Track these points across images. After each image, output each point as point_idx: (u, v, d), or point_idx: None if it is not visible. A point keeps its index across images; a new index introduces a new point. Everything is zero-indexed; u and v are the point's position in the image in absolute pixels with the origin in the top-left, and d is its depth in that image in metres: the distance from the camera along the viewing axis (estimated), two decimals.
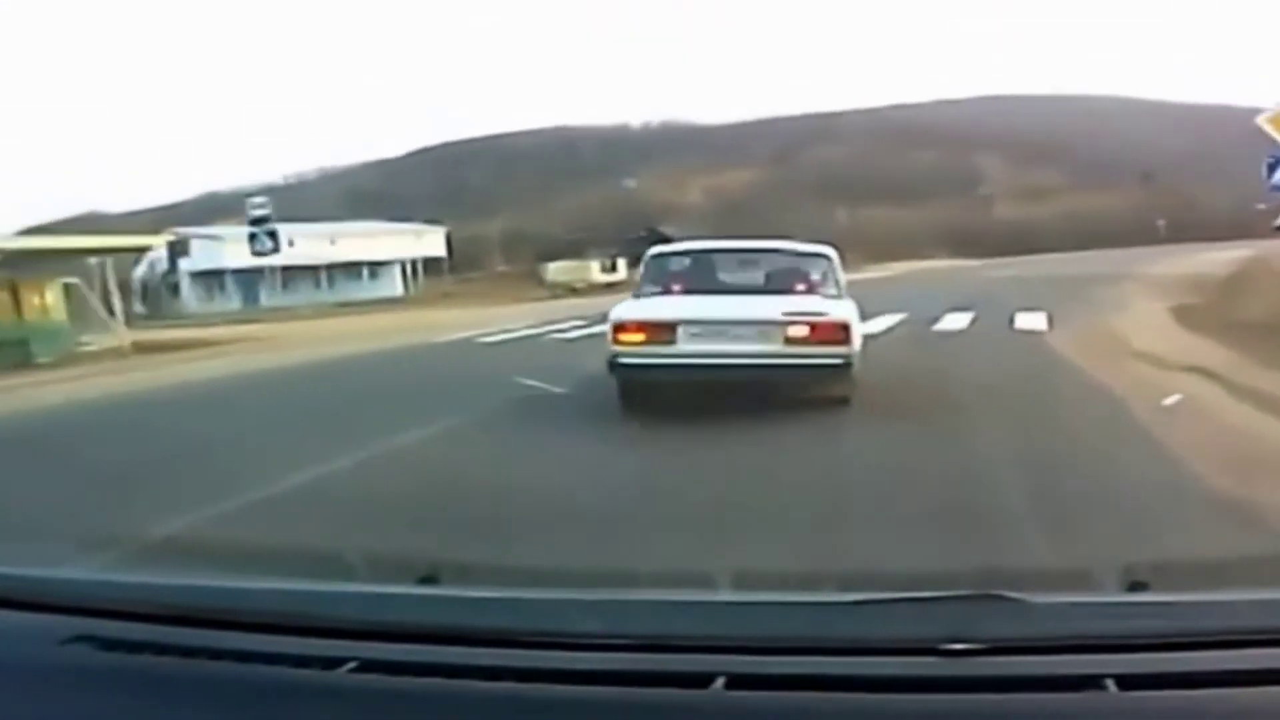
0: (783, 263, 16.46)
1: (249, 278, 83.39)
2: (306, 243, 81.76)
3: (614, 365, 14.62)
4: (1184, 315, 26.46)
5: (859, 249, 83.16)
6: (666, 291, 15.75)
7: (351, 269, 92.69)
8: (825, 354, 14.17)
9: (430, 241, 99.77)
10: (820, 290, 15.59)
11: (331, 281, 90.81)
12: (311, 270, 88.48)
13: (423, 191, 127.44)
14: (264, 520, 9.19)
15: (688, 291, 15.58)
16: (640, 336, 14.51)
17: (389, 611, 2.45)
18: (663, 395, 14.60)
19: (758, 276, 16.14)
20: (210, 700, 2.16)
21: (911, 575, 5.72)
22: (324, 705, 2.13)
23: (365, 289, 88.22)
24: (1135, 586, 2.68)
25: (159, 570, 2.92)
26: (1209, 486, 9.06)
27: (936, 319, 29.62)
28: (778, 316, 14.33)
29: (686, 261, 16.60)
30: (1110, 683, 2.01)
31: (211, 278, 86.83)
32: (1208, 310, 26.91)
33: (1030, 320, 27.77)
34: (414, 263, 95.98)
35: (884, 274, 70.49)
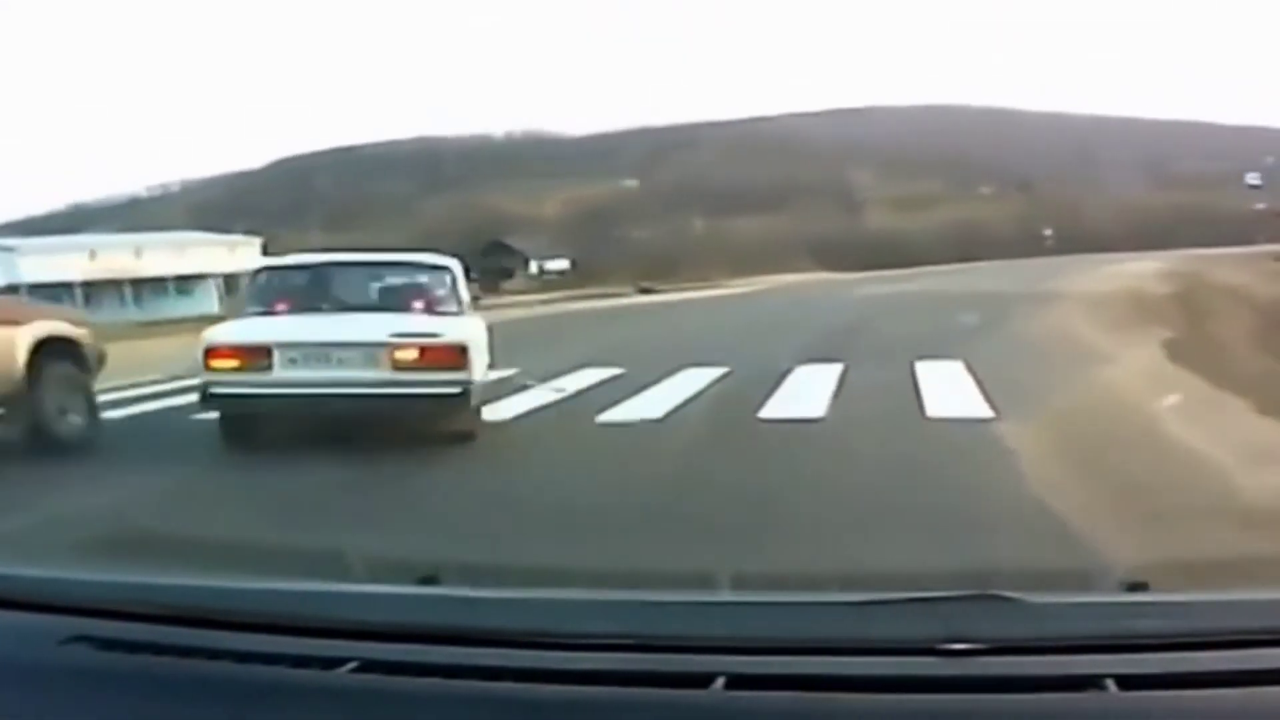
0: (398, 277, 15.23)
1: (50, 293, 77.87)
2: (108, 255, 77.30)
3: (205, 396, 13.38)
4: (1184, 356, 18.83)
5: (721, 262, 79.31)
6: (269, 311, 14.30)
7: (159, 284, 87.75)
8: (438, 381, 13.09)
9: (244, 255, 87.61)
10: (438, 308, 14.37)
11: (139, 298, 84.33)
12: (115, 285, 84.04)
13: (279, 203, 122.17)
14: (264, 520, 9.20)
15: (292, 311, 14.26)
16: (233, 363, 13.23)
17: (389, 612, 2.45)
18: (267, 430, 13.37)
19: (369, 293, 14.87)
20: (209, 701, 2.16)
21: (911, 575, 5.72)
22: (324, 705, 2.13)
23: (176, 306, 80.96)
24: (1135, 586, 2.69)
25: (158, 570, 2.90)
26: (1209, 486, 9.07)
27: (775, 382, 17.71)
28: (383, 338, 13.24)
29: (294, 277, 15.24)
30: (1110, 683, 2.01)
31: (6, 294, 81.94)
32: (1203, 347, 19.74)
33: (949, 386, 16.51)
34: (231, 277, 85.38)
35: (745, 289, 65.66)
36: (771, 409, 15.23)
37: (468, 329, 13.92)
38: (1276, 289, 28.84)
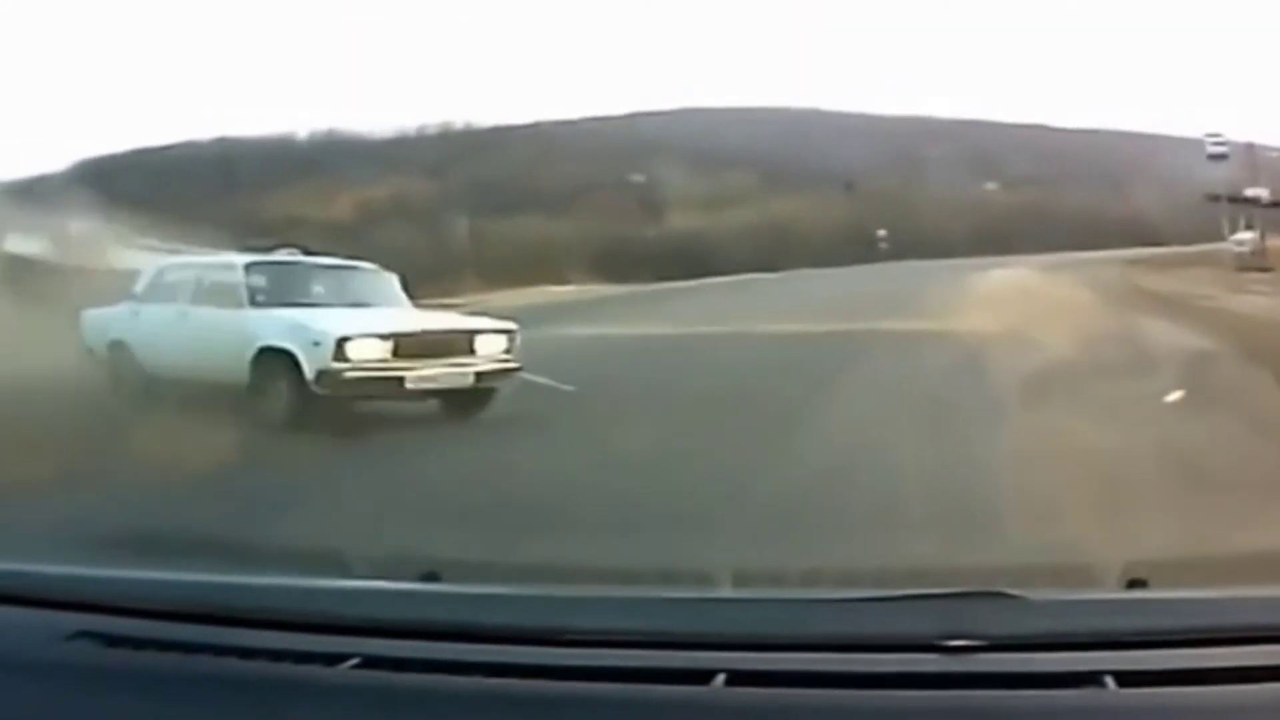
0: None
1: None
2: None
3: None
4: None
5: (482, 270, 72.22)
6: None
7: None
8: None
9: None
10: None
11: None
12: None
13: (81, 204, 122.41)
14: (268, 517, 9.19)
15: None
16: None
17: (391, 608, 2.46)
18: None
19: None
20: (213, 696, 2.17)
21: (912, 572, 5.72)
22: (326, 701, 2.14)
23: None
24: (1134, 583, 2.69)
25: (163, 566, 2.89)
26: (1208, 483, 9.07)
27: None
28: None
29: None
30: (1109, 679, 2.01)
31: None
32: None
33: None
34: None
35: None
36: None
37: None
38: None
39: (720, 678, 2.06)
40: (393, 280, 16.92)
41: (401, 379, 14.43)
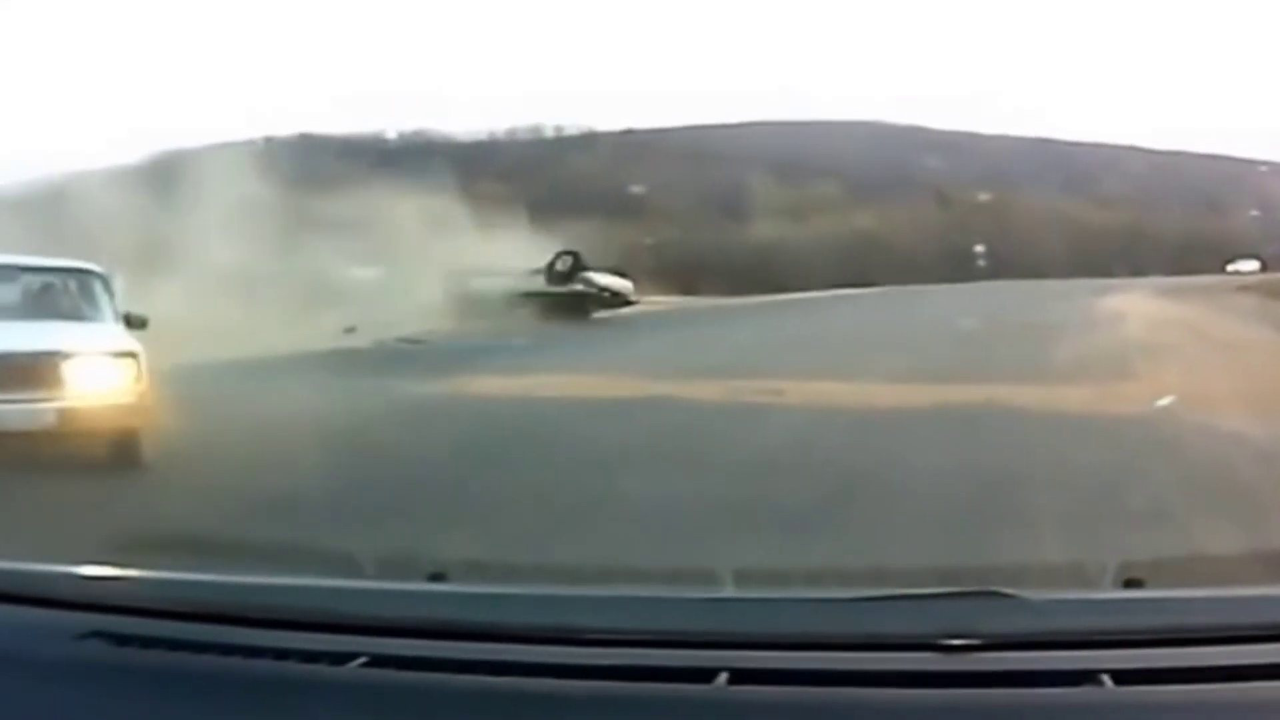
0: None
1: None
2: None
3: None
4: None
5: None
6: None
7: None
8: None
9: None
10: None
11: None
12: None
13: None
14: (275, 516, 9.19)
15: None
16: None
17: (398, 607, 2.47)
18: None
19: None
20: (221, 695, 2.18)
21: (911, 572, 5.75)
22: (333, 700, 2.14)
23: None
24: (1131, 583, 2.71)
25: (171, 566, 2.89)
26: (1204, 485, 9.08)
27: None
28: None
29: None
30: (1106, 678, 2.03)
31: None
32: None
33: None
34: None
35: None
36: None
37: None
38: None
39: (723, 676, 2.08)
40: (94, 283, 14.10)
41: None
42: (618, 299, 44.90)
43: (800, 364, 21.02)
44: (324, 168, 65.95)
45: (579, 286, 44.71)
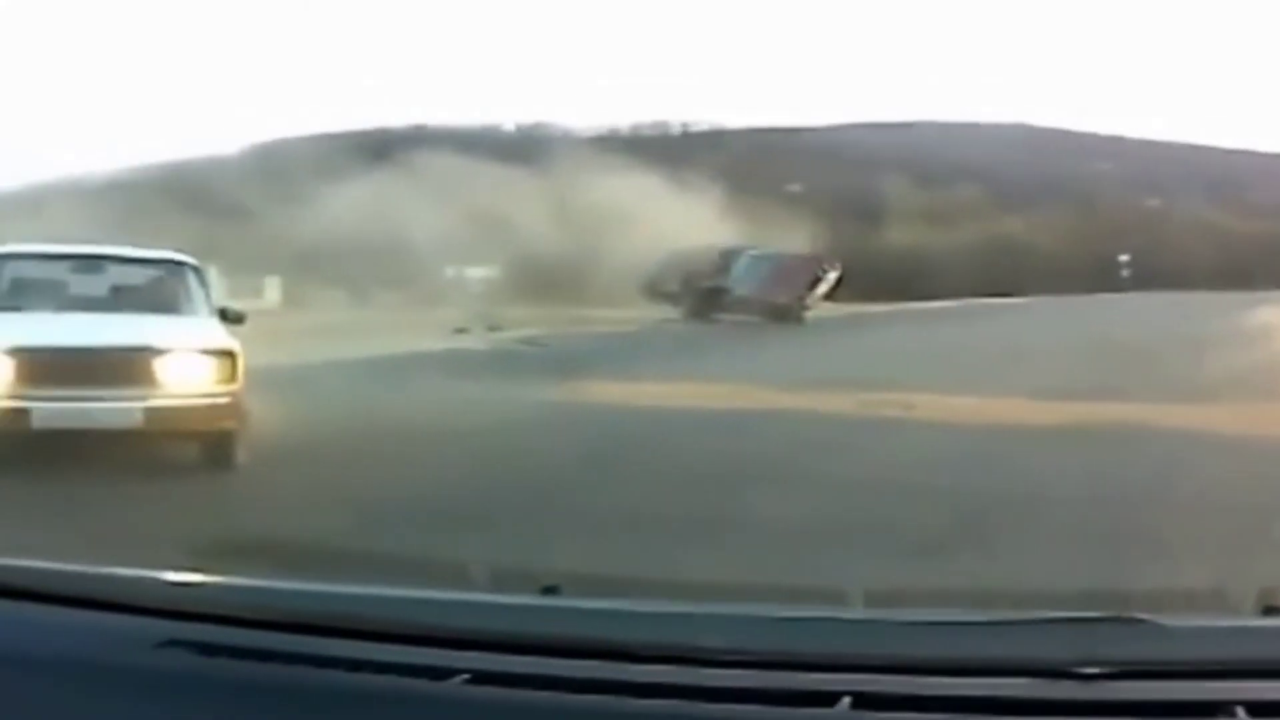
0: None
1: None
2: None
3: None
4: None
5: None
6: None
7: None
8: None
9: None
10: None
11: None
12: None
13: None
14: (376, 524, 9.23)
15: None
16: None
17: (506, 621, 2.41)
18: None
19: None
20: (309, 709, 2.14)
21: (1044, 595, 5.68)
22: (432, 716, 2.11)
23: None
24: (1270, 611, 2.65)
25: (259, 572, 2.87)
26: None
27: None
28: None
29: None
30: (1240, 709, 1.97)
31: None
32: None
33: None
34: None
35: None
36: None
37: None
38: None
39: (846, 700, 2.03)
40: (188, 276, 14.07)
41: (27, 413, 11.56)
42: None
43: (935, 377, 21.35)
44: (438, 160, 65.92)
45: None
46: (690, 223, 57.38)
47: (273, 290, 58.03)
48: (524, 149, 78.97)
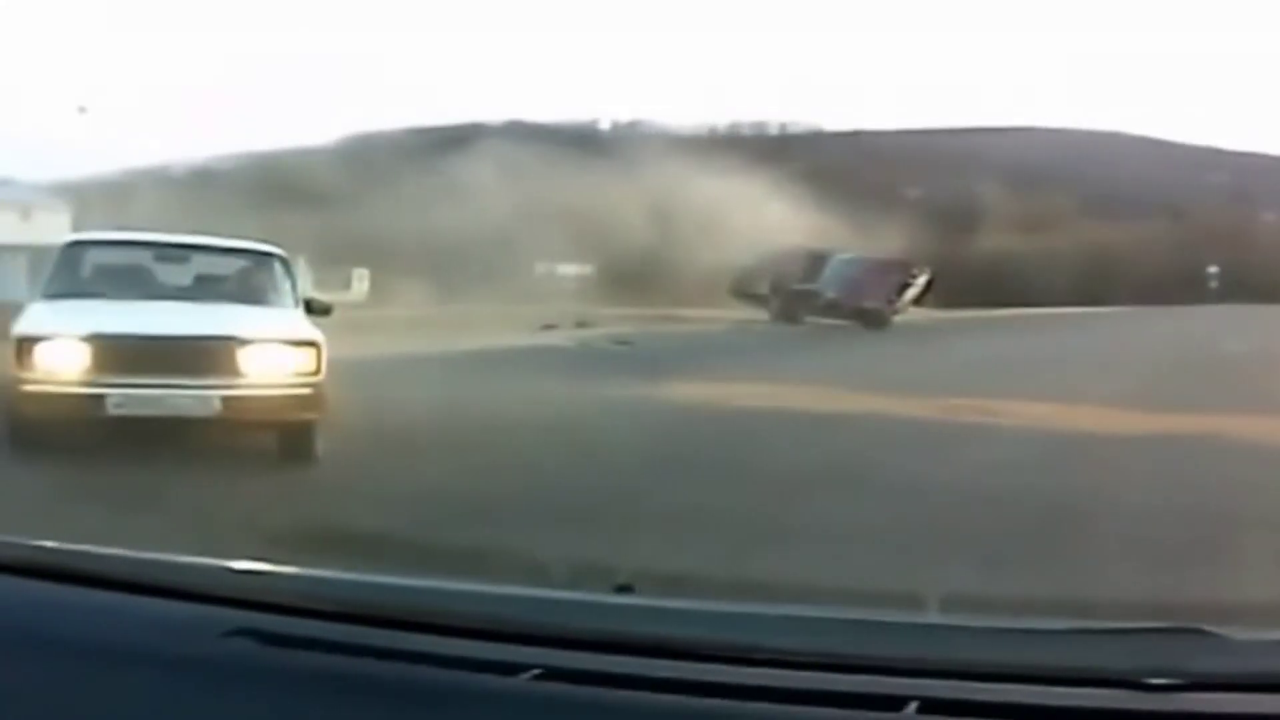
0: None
1: None
2: None
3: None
4: None
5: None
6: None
7: None
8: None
9: (44, 224, 60.53)
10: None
11: None
12: None
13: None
14: (449, 519, 9.27)
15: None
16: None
17: (577, 618, 2.41)
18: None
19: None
20: (376, 701, 2.14)
21: (1113, 604, 5.66)
22: (500, 711, 2.10)
23: None
24: None
25: (329, 564, 2.87)
26: None
27: None
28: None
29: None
30: None
31: None
32: None
33: None
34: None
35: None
36: None
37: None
38: None
39: (913, 705, 2.02)
40: (274, 266, 13.96)
41: (102, 399, 11.51)
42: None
43: (1018, 384, 21.71)
44: (530, 155, 65.81)
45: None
46: (782, 225, 57.29)
47: (361, 283, 58.08)
48: (618, 147, 78.95)
